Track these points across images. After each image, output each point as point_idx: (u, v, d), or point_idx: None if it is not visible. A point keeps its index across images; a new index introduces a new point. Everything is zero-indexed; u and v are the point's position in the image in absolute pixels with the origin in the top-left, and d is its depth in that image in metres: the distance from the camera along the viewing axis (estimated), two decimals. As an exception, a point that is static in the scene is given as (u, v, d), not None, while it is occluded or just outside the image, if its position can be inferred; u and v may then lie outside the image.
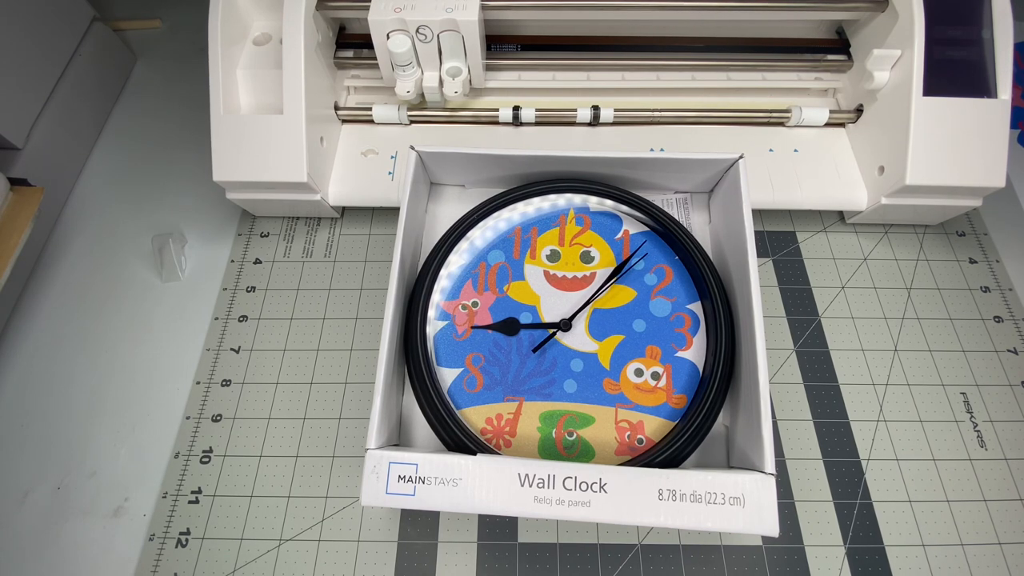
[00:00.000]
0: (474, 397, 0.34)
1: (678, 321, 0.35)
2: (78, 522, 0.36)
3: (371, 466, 0.28)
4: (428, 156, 0.37)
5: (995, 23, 0.37)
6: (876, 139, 0.41)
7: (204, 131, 0.39)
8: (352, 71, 0.46)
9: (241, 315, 0.42)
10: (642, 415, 0.33)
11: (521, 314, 0.36)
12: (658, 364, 0.34)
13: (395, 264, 0.33)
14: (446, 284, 0.37)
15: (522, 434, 0.33)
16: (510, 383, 0.34)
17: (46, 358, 0.41)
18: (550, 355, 0.35)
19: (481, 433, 0.33)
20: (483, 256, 0.37)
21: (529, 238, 0.38)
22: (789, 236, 0.44)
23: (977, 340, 0.40)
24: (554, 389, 0.34)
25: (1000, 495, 0.35)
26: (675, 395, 0.33)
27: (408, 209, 0.35)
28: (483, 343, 0.35)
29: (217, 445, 0.37)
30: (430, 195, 0.41)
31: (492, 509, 0.27)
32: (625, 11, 0.42)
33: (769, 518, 0.27)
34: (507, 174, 0.39)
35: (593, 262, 0.37)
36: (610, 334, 0.35)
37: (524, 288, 0.36)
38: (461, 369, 0.35)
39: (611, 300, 0.36)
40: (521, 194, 0.37)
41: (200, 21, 0.38)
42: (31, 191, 0.40)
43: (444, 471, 0.28)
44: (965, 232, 0.45)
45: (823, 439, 0.37)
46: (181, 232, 0.46)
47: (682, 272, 0.36)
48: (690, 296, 0.36)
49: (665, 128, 0.45)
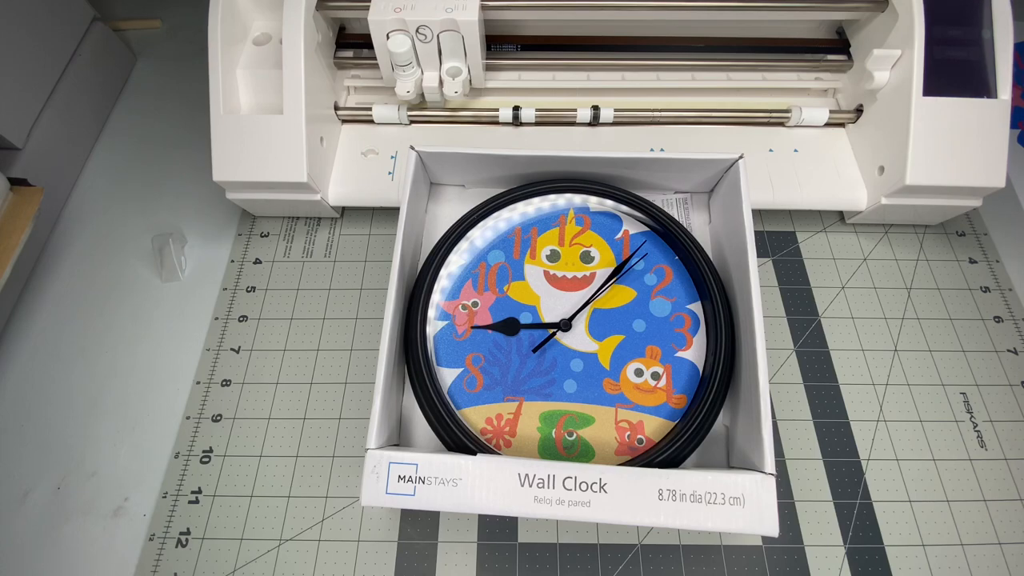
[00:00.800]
0: (474, 397, 0.34)
1: (678, 321, 0.35)
2: (78, 522, 0.36)
3: (371, 466, 0.28)
4: (428, 156, 0.37)
5: (995, 23, 0.37)
6: (876, 139, 0.41)
7: (204, 131, 0.39)
8: (352, 71, 0.46)
9: (241, 315, 0.42)
10: (642, 415, 0.33)
11: (521, 314, 0.36)
12: (658, 364, 0.34)
13: (395, 264, 0.33)
14: (446, 284, 0.37)
15: (522, 434, 0.33)
16: (510, 383, 0.34)
17: (46, 358, 0.41)
18: (550, 355, 0.35)
19: (481, 433, 0.33)
20: (483, 256, 0.37)
21: (529, 238, 0.38)
22: (789, 236, 0.44)
23: (977, 340, 0.40)
24: (554, 389, 0.34)
25: (1000, 495, 0.35)
26: (675, 395, 0.33)
27: (408, 209, 0.35)
28: (483, 343, 0.35)
29: (217, 445, 0.37)
30: (430, 195, 0.41)
31: (492, 509, 0.27)
32: (625, 11, 0.42)
33: (769, 518, 0.27)
34: (507, 174, 0.39)
35: (593, 262, 0.37)
36: (610, 334, 0.35)
37: (524, 288, 0.36)
38: (461, 369, 0.34)
39: (611, 300, 0.36)
40: (521, 194, 0.37)
41: (200, 21, 0.38)
42: (31, 191, 0.40)
43: (444, 471, 0.28)
44: (965, 232, 0.45)
45: (823, 439, 0.37)
46: (181, 232, 0.46)
47: (682, 272, 0.36)
48: (690, 296, 0.36)
49: (665, 128, 0.45)
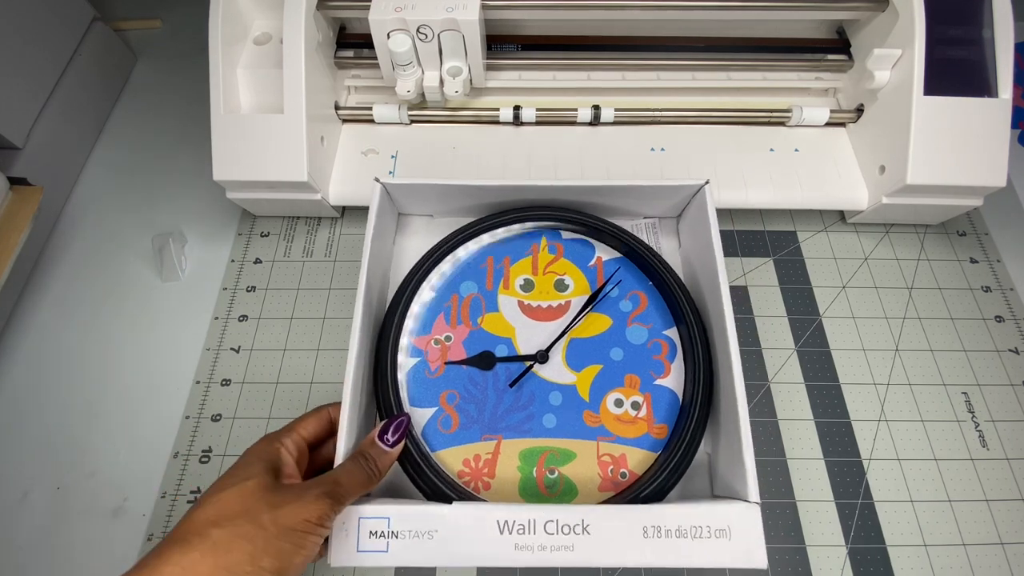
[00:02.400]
0: (450, 438, 0.33)
1: (655, 348, 0.35)
2: (77, 522, 0.35)
3: (339, 522, 0.27)
4: (394, 188, 0.36)
5: (996, 23, 0.37)
6: (877, 139, 0.41)
7: (204, 131, 0.38)
8: (352, 71, 0.46)
9: (241, 315, 0.42)
10: (624, 447, 0.32)
11: (496, 347, 0.35)
12: (638, 393, 0.33)
13: (359, 300, 0.31)
14: (417, 319, 0.35)
15: (501, 475, 0.32)
16: (487, 421, 0.33)
17: (46, 358, 0.41)
18: (527, 389, 0.34)
19: (458, 476, 0.32)
20: (455, 288, 0.36)
21: (502, 267, 0.37)
22: (790, 236, 0.44)
23: (978, 340, 0.40)
24: (533, 425, 0.33)
25: (1002, 495, 0.35)
26: (656, 425, 0.33)
27: (372, 243, 0.34)
28: (458, 379, 0.34)
29: (216, 445, 0.37)
30: (398, 226, 0.41)
31: (471, 561, 0.26)
32: (625, 11, 0.42)
33: (757, 550, 0.27)
34: (476, 203, 0.38)
35: (567, 290, 0.36)
36: (588, 364, 0.34)
37: (498, 320, 0.35)
38: (435, 408, 0.33)
39: (587, 329, 0.35)
40: (491, 224, 0.37)
41: (200, 21, 0.38)
42: (31, 191, 0.39)
43: (418, 523, 0.27)
44: (966, 232, 0.45)
45: (824, 439, 0.37)
46: (181, 232, 0.45)
47: (657, 298, 0.36)
48: (666, 322, 0.35)
49: (665, 128, 0.45)
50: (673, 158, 0.43)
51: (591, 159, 0.43)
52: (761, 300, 0.41)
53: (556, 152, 0.44)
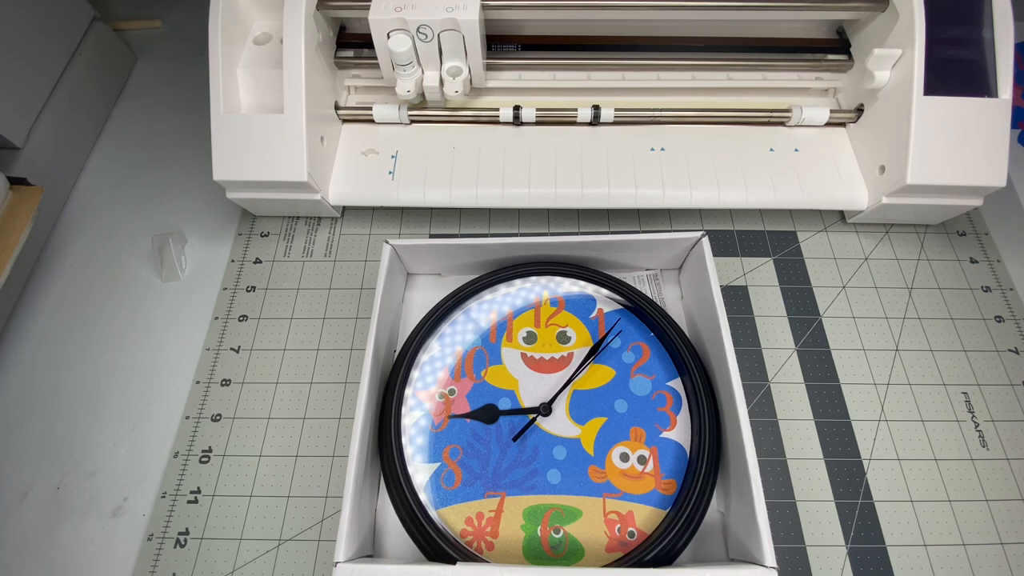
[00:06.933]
0: (452, 495, 0.32)
1: (660, 400, 0.34)
2: (77, 522, 0.35)
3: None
4: (403, 249, 0.37)
5: (995, 22, 0.37)
6: (877, 138, 0.41)
7: (204, 131, 0.38)
8: (352, 71, 0.46)
9: (241, 315, 0.42)
10: (631, 504, 0.31)
11: (500, 400, 0.34)
12: (643, 447, 0.33)
13: (368, 355, 0.32)
14: (422, 372, 0.35)
15: (505, 535, 0.31)
16: (490, 477, 0.32)
17: (46, 358, 0.41)
18: (531, 443, 0.33)
19: (461, 535, 0.31)
20: (459, 341, 0.37)
21: (505, 321, 0.37)
22: (790, 236, 0.44)
23: (978, 340, 0.40)
24: (537, 481, 0.32)
25: (1002, 495, 0.35)
26: (664, 480, 0.32)
27: (382, 302, 0.34)
28: (461, 433, 0.34)
29: (216, 445, 0.37)
30: (407, 284, 0.41)
31: None
32: (625, 11, 0.42)
33: None
34: (481, 260, 0.38)
35: (570, 342, 0.36)
36: (592, 416, 0.34)
37: (502, 372, 0.35)
38: (438, 464, 0.33)
39: (590, 380, 0.35)
40: (495, 279, 0.37)
41: (200, 21, 0.38)
42: (31, 191, 0.39)
43: None
44: (966, 232, 0.45)
45: (824, 439, 0.37)
46: (181, 232, 0.46)
47: (659, 349, 0.36)
48: (669, 373, 0.35)
49: (665, 128, 0.45)
50: (673, 158, 0.43)
51: (591, 159, 0.43)
52: (761, 300, 0.41)
53: (556, 152, 0.44)
